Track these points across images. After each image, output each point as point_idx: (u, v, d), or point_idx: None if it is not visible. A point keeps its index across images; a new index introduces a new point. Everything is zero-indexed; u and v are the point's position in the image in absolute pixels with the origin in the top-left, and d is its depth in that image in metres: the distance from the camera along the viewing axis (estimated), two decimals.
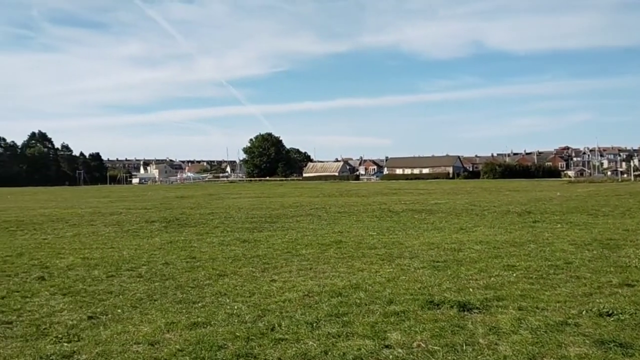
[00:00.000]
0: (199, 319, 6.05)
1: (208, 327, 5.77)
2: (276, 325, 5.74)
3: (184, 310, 6.50)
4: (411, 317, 5.94)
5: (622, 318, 5.71)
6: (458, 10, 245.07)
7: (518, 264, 9.03)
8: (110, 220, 19.72)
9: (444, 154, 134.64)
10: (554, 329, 5.40)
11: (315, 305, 6.54)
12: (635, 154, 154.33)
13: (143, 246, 12.57)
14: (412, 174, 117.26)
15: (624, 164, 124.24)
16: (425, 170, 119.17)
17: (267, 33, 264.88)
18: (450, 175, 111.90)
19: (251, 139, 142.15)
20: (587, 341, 5.05)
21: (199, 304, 6.79)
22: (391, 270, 8.82)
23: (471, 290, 7.17)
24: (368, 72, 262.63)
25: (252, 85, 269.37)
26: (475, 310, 6.14)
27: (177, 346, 5.16)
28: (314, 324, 5.74)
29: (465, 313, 6.06)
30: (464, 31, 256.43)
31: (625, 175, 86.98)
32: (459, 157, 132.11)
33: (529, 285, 7.42)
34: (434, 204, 25.27)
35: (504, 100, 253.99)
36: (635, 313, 5.85)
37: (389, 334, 5.37)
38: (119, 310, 6.57)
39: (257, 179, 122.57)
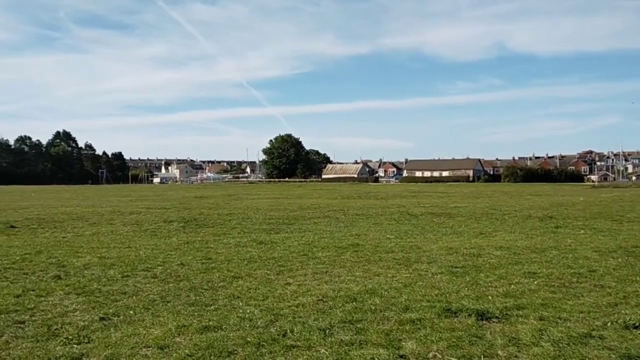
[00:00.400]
0: (211, 323, 5.95)
1: (219, 331, 5.67)
2: (288, 331, 5.62)
3: (196, 313, 6.42)
4: (427, 325, 5.77)
5: None
6: (481, 12, 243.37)
7: (539, 271, 8.78)
8: (130, 219, 19.85)
9: (465, 157, 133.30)
10: (577, 342, 5.18)
11: (329, 311, 6.40)
12: None
13: (160, 246, 12.57)
14: (431, 176, 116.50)
15: None
16: (445, 173, 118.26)
17: (288, 34, 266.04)
18: (471, 179, 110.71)
19: (271, 140, 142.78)
20: (613, 355, 4.83)
21: (212, 307, 6.71)
22: (408, 275, 8.64)
23: (490, 298, 6.97)
24: (389, 74, 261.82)
25: (272, 86, 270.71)
26: (494, 320, 5.95)
27: (187, 351, 5.06)
28: (327, 331, 5.60)
29: (484, 322, 5.87)
30: (486, 33, 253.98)
31: None
32: (479, 160, 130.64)
33: (550, 293, 7.18)
34: (453, 208, 24.97)
35: (526, 103, 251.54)
36: None
37: (403, 343, 5.21)
38: (131, 312, 6.52)
39: (277, 180, 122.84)
